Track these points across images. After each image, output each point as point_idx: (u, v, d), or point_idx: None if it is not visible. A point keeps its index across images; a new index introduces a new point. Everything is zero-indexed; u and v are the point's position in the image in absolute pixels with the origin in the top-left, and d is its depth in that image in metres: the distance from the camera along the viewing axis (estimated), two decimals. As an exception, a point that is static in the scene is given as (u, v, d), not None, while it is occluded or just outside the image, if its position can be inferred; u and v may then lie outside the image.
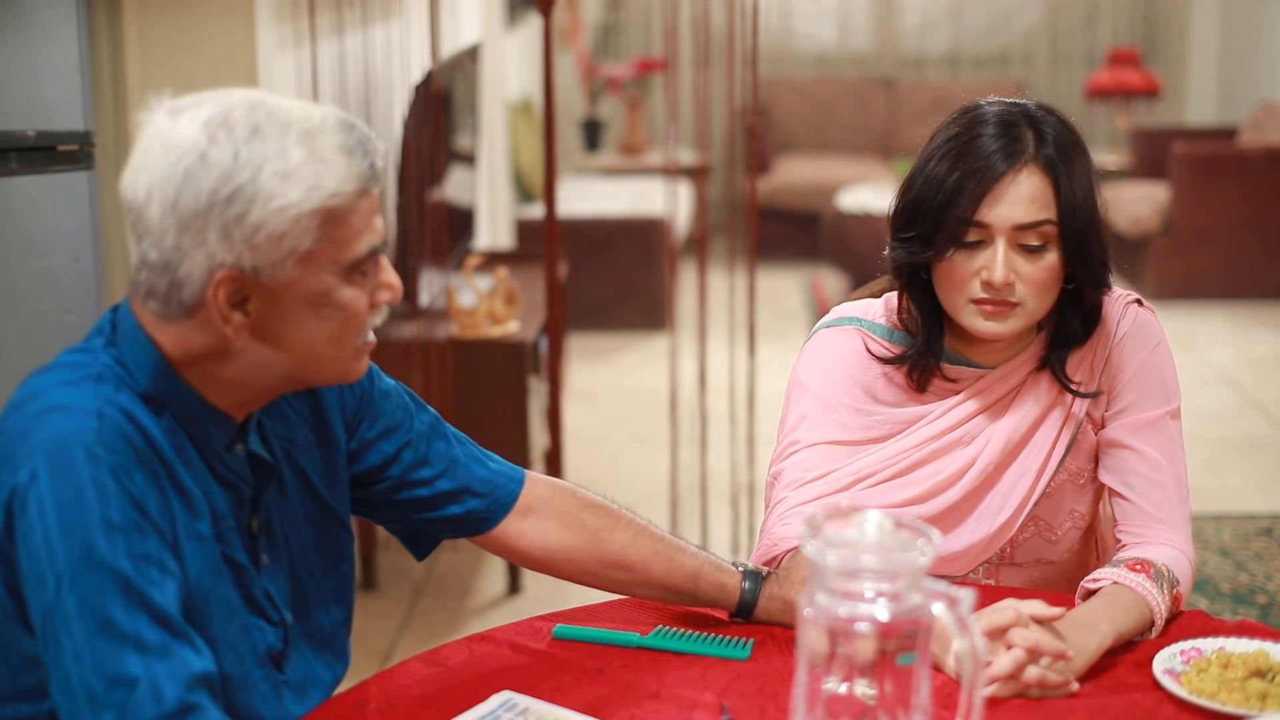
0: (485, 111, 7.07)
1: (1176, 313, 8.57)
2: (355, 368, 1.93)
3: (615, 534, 2.23)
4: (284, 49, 4.22)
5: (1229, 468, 6.19)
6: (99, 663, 1.69)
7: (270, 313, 1.82)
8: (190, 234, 1.76)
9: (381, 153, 1.86)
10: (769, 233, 9.60)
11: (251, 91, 1.83)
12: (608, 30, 11.42)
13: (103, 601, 1.70)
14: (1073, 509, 2.45)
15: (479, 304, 5.05)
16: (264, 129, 1.77)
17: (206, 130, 1.76)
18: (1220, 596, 4.89)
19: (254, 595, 1.95)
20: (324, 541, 2.09)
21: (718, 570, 2.24)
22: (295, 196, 1.76)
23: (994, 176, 2.29)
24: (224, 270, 1.77)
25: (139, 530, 1.75)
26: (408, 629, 4.71)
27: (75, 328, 3.31)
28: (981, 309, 2.33)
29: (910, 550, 1.61)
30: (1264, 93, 9.92)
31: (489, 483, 2.21)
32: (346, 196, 1.80)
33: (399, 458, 2.15)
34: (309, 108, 1.83)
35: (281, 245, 1.77)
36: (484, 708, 1.96)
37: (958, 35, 11.55)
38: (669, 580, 2.23)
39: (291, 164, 1.76)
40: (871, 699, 1.64)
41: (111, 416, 1.78)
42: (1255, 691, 1.98)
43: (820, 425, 2.45)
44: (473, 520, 2.20)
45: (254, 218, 1.75)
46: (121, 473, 1.75)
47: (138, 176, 1.78)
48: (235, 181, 1.74)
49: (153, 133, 1.79)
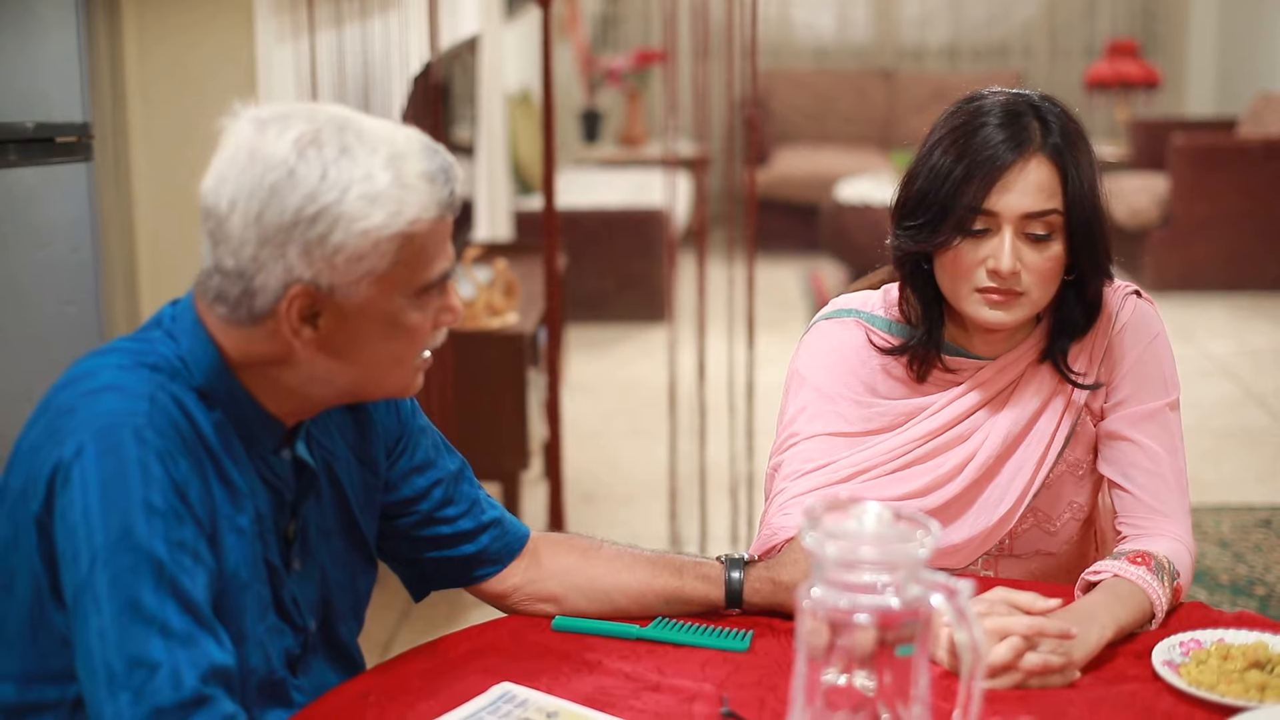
0: (484, 103, 7.07)
1: (1175, 304, 8.57)
2: (414, 384, 1.97)
3: (598, 554, 2.26)
4: (283, 41, 4.22)
5: (1228, 459, 6.19)
6: (123, 643, 1.70)
7: (339, 329, 1.83)
8: (271, 248, 1.77)
9: (461, 178, 1.87)
10: (768, 224, 9.59)
11: (339, 109, 1.84)
12: (606, 21, 11.41)
13: (134, 582, 1.71)
14: (1071, 500, 2.45)
15: (478, 296, 5.05)
16: (353, 150, 1.78)
17: (296, 147, 1.76)
18: (1219, 588, 4.89)
19: (281, 599, 1.97)
20: (349, 558, 2.10)
21: (699, 565, 2.26)
22: (378, 220, 1.77)
23: (1003, 165, 2.29)
24: (300, 286, 1.78)
25: (178, 517, 1.76)
26: (408, 620, 4.71)
27: (75, 319, 3.31)
28: (987, 298, 2.33)
29: (909, 541, 1.61)
30: (1263, 84, 9.91)
31: (501, 526, 2.24)
32: (427, 223, 1.81)
33: (430, 494, 2.18)
34: (394, 130, 1.83)
35: (359, 266, 1.79)
36: (483, 699, 1.96)
37: (957, 27, 11.55)
38: (654, 586, 2.23)
39: (378, 188, 1.77)
40: (871, 690, 1.64)
41: (163, 403, 1.80)
42: (1254, 683, 1.98)
43: (820, 417, 2.45)
44: (483, 559, 2.22)
45: (336, 238, 1.76)
46: (168, 458, 1.77)
47: (221, 185, 1.78)
48: (321, 201, 1.75)
49: (239, 142, 1.79)
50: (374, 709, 1.96)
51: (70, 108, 3.30)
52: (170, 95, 3.90)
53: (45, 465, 1.76)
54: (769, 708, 1.95)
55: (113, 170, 3.84)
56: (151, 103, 3.89)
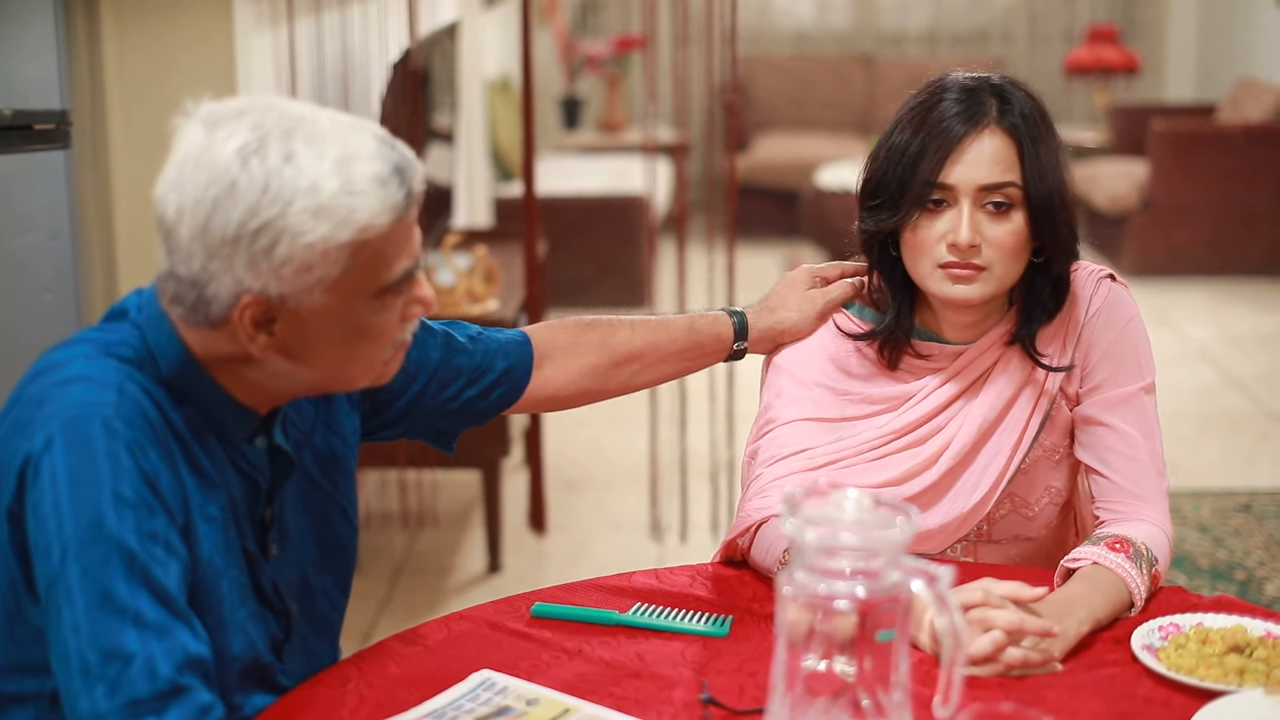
0: (463, 90, 7.06)
1: (1155, 289, 8.59)
2: (386, 373, 1.95)
3: (617, 335, 2.42)
4: (261, 27, 4.21)
5: (1207, 444, 6.20)
6: (96, 635, 1.70)
7: (296, 334, 1.81)
8: (218, 260, 1.75)
9: (420, 174, 1.83)
10: (748, 210, 9.60)
11: (290, 106, 1.79)
12: (586, 8, 11.40)
13: (106, 574, 1.71)
14: (1049, 485, 2.45)
15: (458, 282, 5.04)
16: (298, 157, 1.73)
17: (240, 156, 1.73)
18: (1199, 573, 4.90)
19: (261, 584, 1.96)
20: (325, 532, 2.09)
21: (703, 316, 2.49)
22: (324, 232, 1.74)
23: (956, 137, 2.30)
24: (250, 295, 1.76)
25: (148, 508, 1.75)
26: (388, 608, 4.71)
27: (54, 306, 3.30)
28: (949, 273, 2.33)
29: (889, 528, 1.61)
30: (1242, 69, 9.93)
31: (507, 360, 2.32)
32: (380, 227, 1.77)
33: (425, 391, 2.22)
34: (348, 129, 1.79)
35: (309, 276, 1.76)
36: (463, 687, 1.96)
37: (937, 12, 11.55)
38: (675, 345, 2.44)
39: (322, 198, 1.73)
40: (851, 676, 1.64)
41: (132, 393, 1.79)
42: (1233, 667, 1.98)
43: (796, 402, 2.45)
44: (501, 402, 2.32)
45: (281, 251, 1.74)
46: (137, 449, 1.76)
47: (169, 194, 1.76)
48: (263, 215, 1.72)
49: (187, 147, 1.76)
50: (354, 696, 1.96)
51: (48, 95, 3.29)
52: (148, 83, 3.89)
53: (15, 458, 1.76)
54: (749, 694, 1.95)
55: (91, 157, 3.83)
56: (130, 90, 3.88)
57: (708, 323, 2.47)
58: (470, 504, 5.57)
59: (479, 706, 1.92)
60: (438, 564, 5.09)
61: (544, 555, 5.18)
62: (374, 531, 5.20)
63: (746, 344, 2.48)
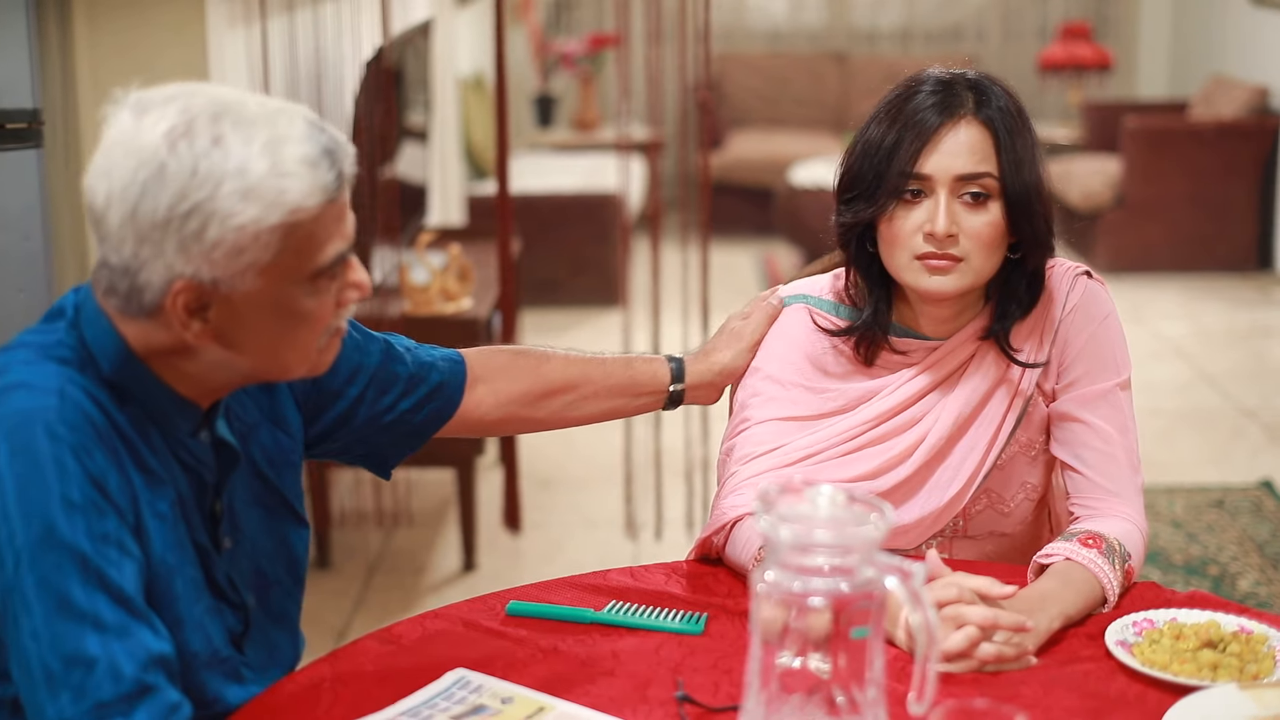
0: (437, 88, 7.05)
1: (1128, 285, 8.61)
2: (322, 361, 1.93)
3: (550, 364, 2.38)
4: (234, 25, 4.20)
5: (1180, 440, 6.22)
6: (57, 642, 1.69)
7: (230, 320, 1.80)
8: (149, 245, 1.74)
9: (351, 156, 1.83)
10: (722, 208, 9.60)
11: (219, 92, 1.79)
12: (560, 6, 11.39)
13: (61, 580, 1.70)
14: (1024, 480, 2.46)
15: (432, 281, 5.04)
16: (226, 139, 1.73)
17: (168, 140, 1.72)
18: (1172, 568, 4.91)
19: (215, 579, 1.95)
20: (276, 524, 2.08)
21: (641, 357, 2.47)
22: (254, 214, 1.73)
23: (932, 128, 2.31)
24: (182, 281, 1.75)
25: (98, 510, 1.74)
26: (362, 606, 4.70)
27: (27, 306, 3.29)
28: (926, 264, 2.33)
29: (863, 524, 1.62)
30: (1214, 66, 9.96)
31: (440, 375, 2.28)
32: (311, 209, 1.76)
33: (364, 398, 2.19)
34: (276, 112, 1.78)
35: (241, 259, 1.75)
36: (438, 685, 1.96)
37: (910, 10, 11.56)
38: (609, 380, 2.41)
39: (251, 180, 1.72)
40: (826, 673, 1.64)
41: (73, 396, 1.77)
42: (1207, 662, 1.99)
43: (772, 401, 2.45)
44: (434, 419, 2.28)
45: (212, 234, 1.72)
46: (82, 452, 1.75)
47: (98, 181, 1.75)
48: (193, 199, 1.71)
49: (116, 134, 1.76)
50: (328, 696, 1.96)
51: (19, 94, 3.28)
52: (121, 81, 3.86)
53: None
54: (724, 691, 1.95)
55: (63, 156, 3.81)
56: (102, 88, 3.87)
57: (644, 363, 2.46)
58: (445, 502, 5.56)
59: (454, 705, 1.92)
60: (413, 563, 5.09)
61: (519, 553, 5.17)
62: (349, 530, 5.20)
63: (684, 386, 2.46)
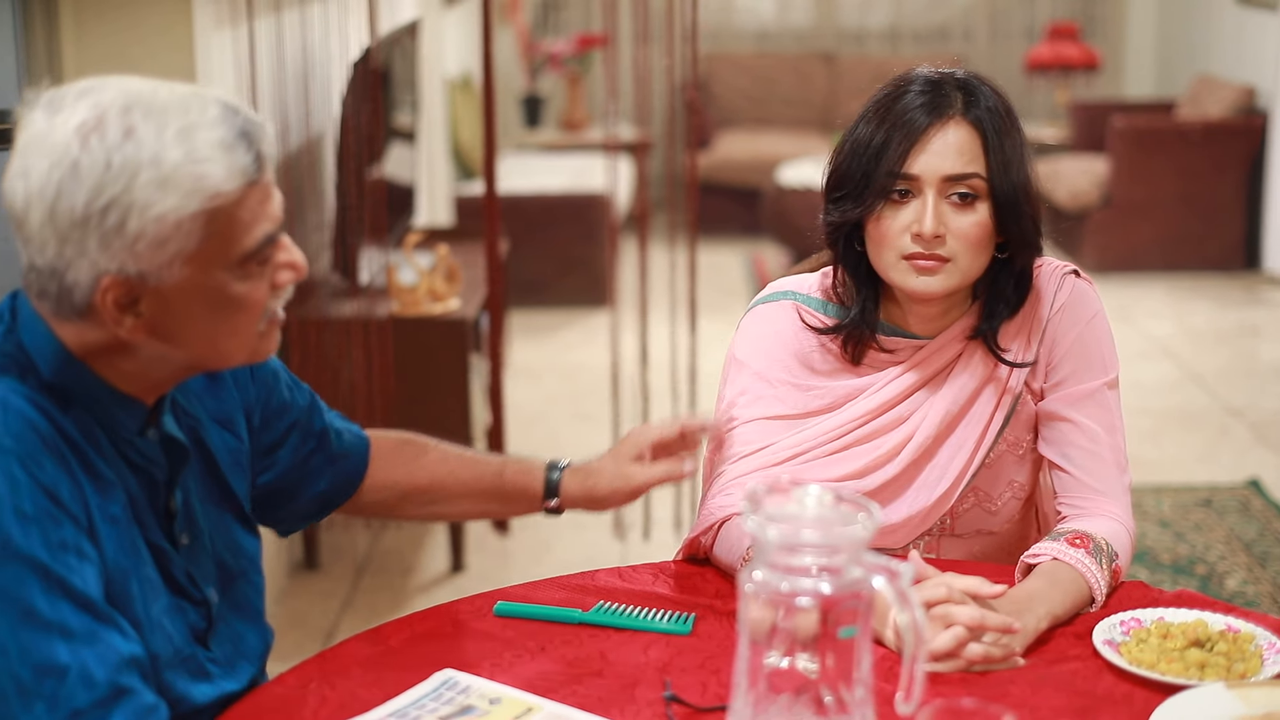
0: (424, 88, 7.05)
1: (1116, 285, 8.62)
2: (264, 348, 1.90)
3: (426, 457, 2.34)
4: (221, 26, 4.19)
5: (1168, 439, 6.23)
6: (25, 653, 1.68)
7: (163, 312, 1.78)
8: (71, 244, 1.72)
9: (270, 137, 1.81)
10: (710, 208, 9.60)
11: (129, 83, 1.77)
12: (547, 6, 11.38)
13: (23, 591, 1.69)
14: (1012, 479, 2.46)
15: (419, 281, 5.03)
16: (138, 130, 1.71)
17: (79, 135, 1.70)
18: (1160, 567, 4.92)
19: (174, 576, 1.94)
20: (227, 523, 2.07)
21: (521, 461, 2.35)
22: (173, 203, 1.71)
23: (920, 128, 2.31)
24: (109, 277, 1.73)
25: (53, 519, 1.73)
26: (350, 608, 4.70)
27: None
28: (913, 264, 2.33)
29: (850, 524, 1.62)
30: (1201, 66, 9.97)
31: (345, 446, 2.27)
32: (232, 193, 1.75)
33: (291, 434, 2.19)
34: (189, 97, 1.76)
35: (165, 250, 1.73)
36: (425, 686, 1.96)
37: (898, 9, 11.57)
38: (479, 484, 2.33)
39: (166, 169, 1.71)
40: (813, 673, 1.64)
41: (16, 405, 1.76)
42: (1194, 661, 1.99)
43: (759, 400, 2.45)
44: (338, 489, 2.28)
45: (132, 227, 1.71)
46: (30, 462, 1.73)
47: (15, 183, 1.73)
48: (109, 193, 1.69)
49: (30, 134, 1.73)
50: (315, 697, 1.95)
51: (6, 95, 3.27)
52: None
53: None
54: (711, 691, 1.95)
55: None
56: (88, 89, 3.86)
57: (519, 472, 2.34)
58: (433, 503, 5.55)
59: (442, 706, 1.92)
60: (400, 563, 5.08)
61: (507, 554, 5.17)
62: (336, 531, 5.19)
63: (558, 501, 2.34)
